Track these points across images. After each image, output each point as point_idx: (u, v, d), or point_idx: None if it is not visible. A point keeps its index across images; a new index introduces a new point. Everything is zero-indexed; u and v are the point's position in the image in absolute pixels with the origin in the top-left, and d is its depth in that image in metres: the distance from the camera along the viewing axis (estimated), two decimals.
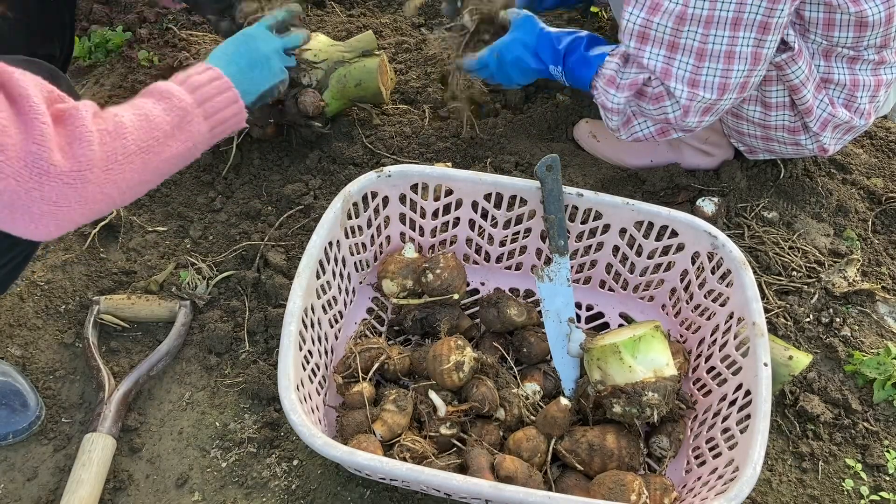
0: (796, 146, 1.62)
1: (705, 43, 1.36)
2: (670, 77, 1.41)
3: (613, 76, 1.49)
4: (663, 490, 1.21)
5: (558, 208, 1.39)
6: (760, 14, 1.33)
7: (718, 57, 1.37)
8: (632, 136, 1.57)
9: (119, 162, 1.03)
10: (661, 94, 1.45)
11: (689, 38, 1.37)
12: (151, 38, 2.13)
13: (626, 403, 1.23)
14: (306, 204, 1.72)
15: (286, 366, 1.18)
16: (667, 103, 1.45)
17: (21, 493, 1.33)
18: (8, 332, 1.52)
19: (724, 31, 1.34)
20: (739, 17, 1.33)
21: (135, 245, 1.67)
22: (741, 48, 1.36)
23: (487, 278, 1.60)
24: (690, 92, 1.41)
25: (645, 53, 1.42)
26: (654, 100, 1.46)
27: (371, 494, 1.33)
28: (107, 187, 1.02)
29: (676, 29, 1.37)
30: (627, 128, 1.56)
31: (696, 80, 1.40)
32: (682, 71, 1.40)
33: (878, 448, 1.43)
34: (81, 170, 0.98)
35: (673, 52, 1.40)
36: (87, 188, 0.99)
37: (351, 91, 1.79)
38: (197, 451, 1.39)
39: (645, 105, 1.48)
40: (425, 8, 2.29)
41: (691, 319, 1.48)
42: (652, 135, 1.55)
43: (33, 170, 0.93)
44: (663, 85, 1.44)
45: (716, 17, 1.33)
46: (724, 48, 1.36)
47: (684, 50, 1.38)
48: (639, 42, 1.42)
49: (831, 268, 1.67)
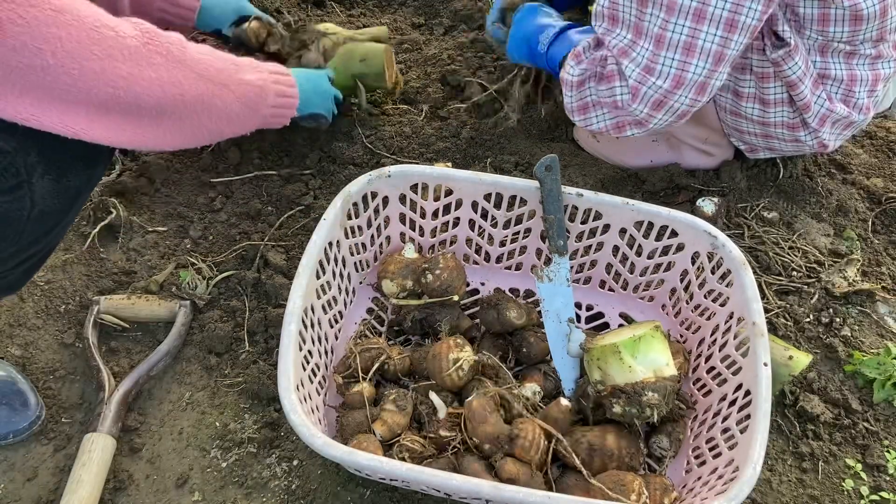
0: (796, 143, 1.62)
1: (665, 30, 1.34)
2: (626, 56, 1.40)
3: (580, 52, 1.51)
4: (663, 490, 1.21)
5: (558, 208, 1.39)
6: (726, 10, 1.30)
7: (676, 47, 1.35)
8: (588, 125, 1.55)
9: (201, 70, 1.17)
10: (612, 74, 1.45)
11: (651, 22, 1.36)
12: None
13: (626, 403, 1.23)
14: (306, 204, 1.72)
15: (286, 366, 1.18)
16: (616, 84, 1.44)
17: (21, 493, 1.33)
18: (8, 332, 1.52)
19: (685, 20, 1.32)
20: (703, 9, 1.31)
21: (135, 245, 1.67)
22: (703, 43, 1.33)
23: (487, 278, 1.60)
24: (642, 75, 1.39)
25: (612, 34, 1.43)
26: (607, 79, 1.46)
27: (371, 494, 1.33)
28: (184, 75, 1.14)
29: (640, 10, 1.37)
30: (584, 115, 1.55)
31: (651, 67, 1.38)
32: (639, 56, 1.39)
33: (878, 448, 1.43)
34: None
35: (637, 36, 1.39)
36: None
37: (355, 66, 1.78)
38: (197, 451, 1.39)
39: (601, 88, 1.48)
40: (425, 8, 2.29)
41: (691, 319, 1.48)
42: (608, 128, 1.54)
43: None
44: (617, 65, 1.43)
45: (678, 4, 1.32)
46: (683, 38, 1.34)
47: (646, 35, 1.38)
48: (609, 24, 1.43)
49: (831, 268, 1.67)
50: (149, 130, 1.14)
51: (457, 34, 2.17)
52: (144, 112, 1.10)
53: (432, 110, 1.95)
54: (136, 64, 1.06)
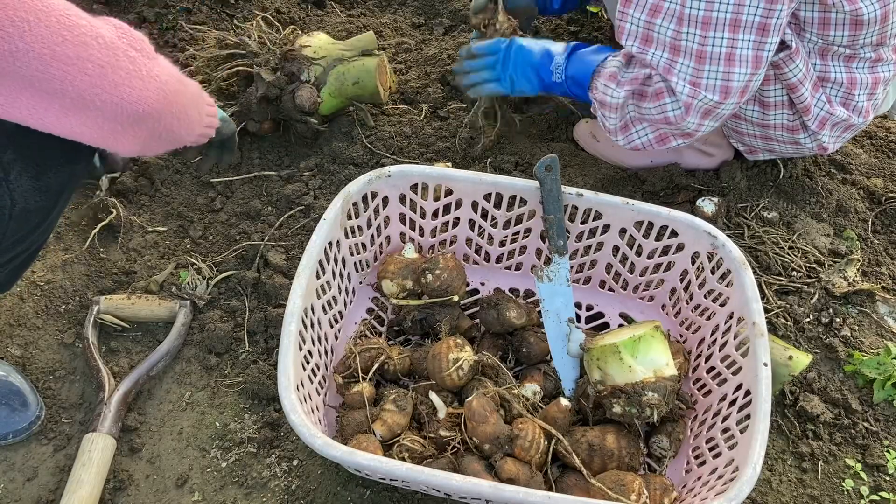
0: (796, 145, 1.62)
1: (704, 45, 1.36)
2: (672, 74, 1.41)
3: (615, 73, 1.49)
4: (663, 490, 1.21)
5: (557, 208, 1.39)
6: (759, 15, 1.32)
7: (719, 59, 1.36)
8: (630, 143, 1.55)
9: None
10: (661, 91, 1.45)
11: (689, 39, 1.36)
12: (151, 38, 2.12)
13: (626, 403, 1.23)
14: (306, 204, 1.72)
15: (286, 366, 1.18)
16: (667, 100, 1.44)
17: (21, 493, 1.33)
18: (8, 332, 1.52)
19: (722, 32, 1.34)
20: (738, 18, 1.32)
21: (135, 245, 1.67)
22: (741, 50, 1.35)
23: (487, 278, 1.60)
24: (692, 89, 1.40)
25: (648, 54, 1.42)
26: (655, 97, 1.46)
27: (371, 494, 1.33)
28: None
29: (676, 30, 1.37)
30: (626, 134, 1.54)
31: (697, 82, 1.39)
32: (683, 72, 1.40)
33: (878, 448, 1.43)
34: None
35: (675, 54, 1.40)
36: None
37: (349, 89, 1.79)
38: (197, 451, 1.39)
39: (645, 105, 1.48)
40: (425, 8, 2.29)
41: (691, 319, 1.48)
42: (651, 143, 1.54)
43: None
44: (665, 81, 1.43)
45: (713, 18, 1.33)
46: (723, 50, 1.35)
47: (685, 53, 1.38)
48: (642, 44, 1.42)
49: (831, 268, 1.67)
50: (128, 130, 1.08)
51: (457, 34, 2.17)
52: (124, 107, 1.05)
53: (432, 110, 1.95)
54: (113, 54, 1.00)
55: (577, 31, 2.15)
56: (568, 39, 2.11)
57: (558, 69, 1.58)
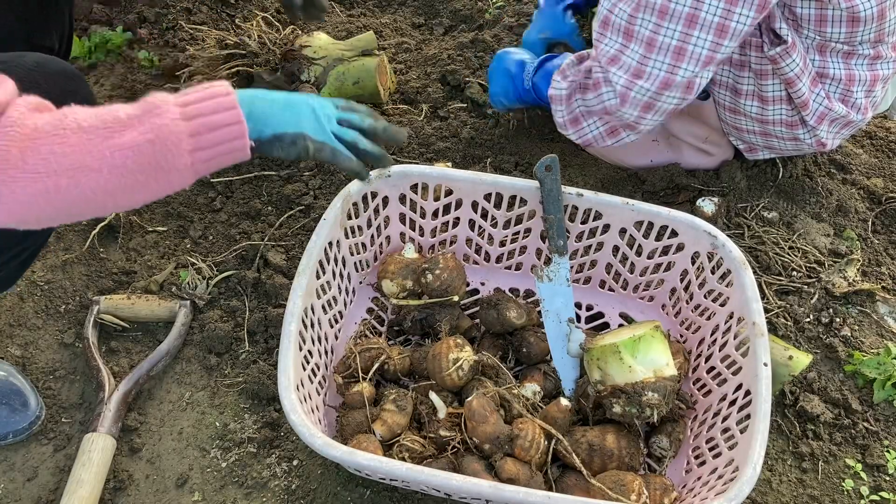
0: (795, 141, 1.62)
1: (656, 34, 1.36)
2: (615, 63, 1.42)
3: (564, 68, 1.54)
4: (663, 490, 1.21)
5: (557, 208, 1.39)
6: (717, 16, 1.31)
7: (667, 51, 1.36)
8: (581, 137, 1.57)
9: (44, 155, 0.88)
10: (598, 82, 1.46)
11: (643, 26, 1.37)
12: (151, 38, 2.13)
13: (626, 403, 1.23)
14: (306, 204, 1.72)
15: (286, 366, 1.18)
16: (603, 90, 1.46)
17: (21, 493, 1.33)
18: (8, 332, 1.52)
19: (677, 25, 1.34)
20: (695, 14, 1.32)
21: (135, 245, 1.67)
22: (693, 48, 1.35)
23: (487, 278, 1.60)
24: (629, 80, 1.40)
25: (605, 39, 1.43)
26: (594, 87, 1.47)
27: (371, 494, 1.33)
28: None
29: (632, 16, 1.37)
30: (576, 128, 1.57)
31: (640, 71, 1.39)
32: (629, 59, 1.40)
33: (878, 448, 1.43)
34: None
35: (627, 40, 1.40)
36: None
37: (349, 89, 1.79)
38: (197, 451, 1.39)
39: (587, 97, 1.50)
40: (425, 8, 2.29)
41: (691, 319, 1.48)
42: (602, 135, 1.55)
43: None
44: (603, 72, 1.44)
45: (671, 9, 1.33)
46: (674, 43, 1.35)
47: (636, 38, 1.38)
48: (602, 27, 1.44)
49: (831, 268, 1.67)
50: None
51: (457, 34, 2.17)
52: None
53: (432, 110, 1.95)
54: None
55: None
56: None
57: (528, 75, 1.66)
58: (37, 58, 1.15)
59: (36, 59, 1.15)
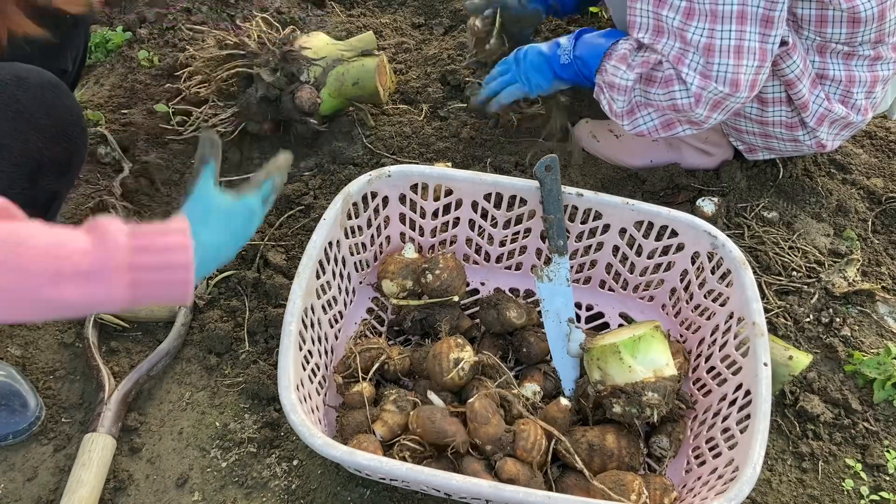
0: (794, 142, 1.62)
1: (712, 38, 1.36)
2: (682, 63, 1.41)
3: (626, 55, 1.48)
4: (663, 490, 1.21)
5: (557, 208, 1.39)
6: (762, 7, 1.33)
7: (728, 52, 1.37)
8: (635, 128, 1.55)
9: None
10: (671, 79, 1.44)
11: (697, 33, 1.37)
12: (151, 38, 2.14)
13: (626, 403, 1.23)
14: (306, 204, 1.72)
15: (286, 366, 1.18)
16: (676, 88, 1.44)
17: (21, 493, 1.33)
18: (8, 332, 1.52)
19: (730, 25, 1.35)
20: (744, 10, 1.33)
21: None
22: (749, 42, 1.36)
23: (487, 278, 1.60)
24: (703, 80, 1.40)
25: (660, 44, 1.43)
26: (664, 83, 1.46)
27: (371, 494, 1.33)
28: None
29: (684, 23, 1.38)
30: (631, 118, 1.54)
31: (707, 74, 1.40)
32: (694, 62, 1.40)
33: (878, 448, 1.43)
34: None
35: (685, 44, 1.40)
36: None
37: (348, 90, 1.79)
38: (197, 451, 1.39)
39: (653, 91, 1.48)
40: (425, 8, 2.29)
41: (691, 319, 1.48)
42: (656, 128, 1.53)
43: None
44: (675, 69, 1.43)
45: (720, 11, 1.34)
46: (732, 43, 1.36)
47: (693, 45, 1.39)
48: (654, 35, 1.43)
49: (831, 268, 1.67)
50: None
51: (457, 34, 2.17)
52: None
53: (432, 110, 1.95)
54: None
55: None
56: None
57: (566, 52, 1.59)
58: (16, 70, 1.14)
59: (15, 71, 1.14)
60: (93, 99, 1.97)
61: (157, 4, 2.20)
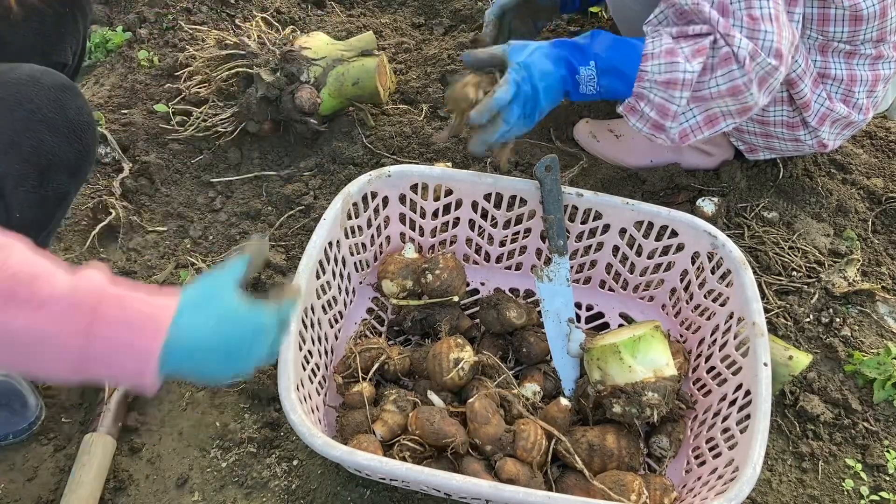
0: (796, 142, 1.62)
1: (751, 7, 1.29)
2: (729, 24, 1.29)
3: (673, 48, 1.32)
4: (663, 490, 1.21)
5: (557, 208, 1.39)
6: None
7: (771, 20, 1.29)
8: (679, 127, 1.39)
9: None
10: (727, 57, 1.30)
11: (736, 6, 1.30)
12: (151, 38, 2.13)
13: (626, 403, 1.23)
14: (306, 204, 1.72)
15: (286, 366, 1.18)
16: (734, 66, 1.30)
17: (21, 493, 1.33)
18: None
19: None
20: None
21: (135, 245, 1.67)
22: (782, 15, 1.30)
23: (487, 278, 1.60)
24: (754, 48, 1.28)
25: (705, 7, 1.31)
26: (722, 63, 1.31)
27: (371, 494, 1.33)
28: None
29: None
30: (675, 119, 1.38)
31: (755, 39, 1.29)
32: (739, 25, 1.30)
33: (878, 448, 1.43)
34: None
35: (725, 14, 1.31)
36: None
37: (348, 90, 1.79)
38: (197, 451, 1.39)
39: (708, 79, 1.33)
40: (425, 8, 2.29)
41: (691, 319, 1.48)
42: (699, 125, 1.39)
43: None
44: (728, 45, 1.30)
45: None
46: (771, 12, 1.29)
47: (736, 17, 1.30)
48: (696, 4, 1.32)
49: (831, 268, 1.67)
50: None
51: (457, 34, 2.17)
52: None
53: (432, 110, 1.95)
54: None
55: (578, 32, 2.15)
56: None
57: (589, 82, 1.37)
58: (30, 70, 1.14)
59: (30, 71, 1.14)
60: (93, 99, 1.97)
61: (156, 4, 2.20)
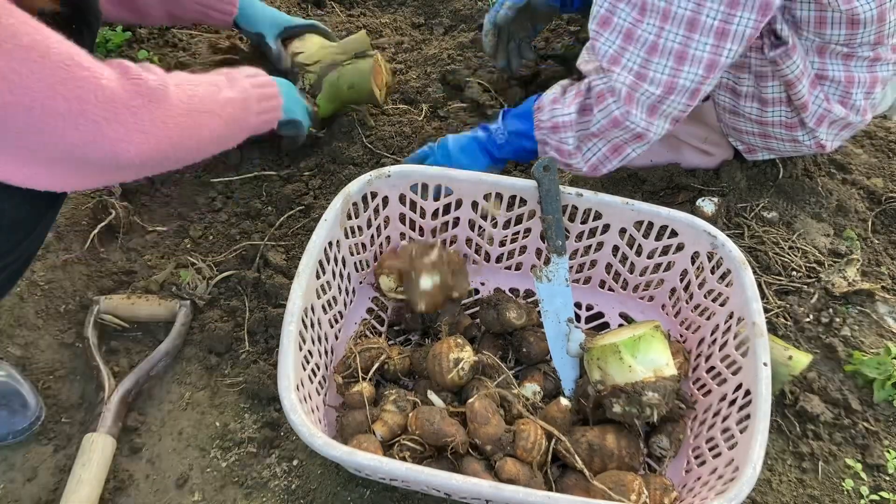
0: (794, 143, 1.62)
1: (659, 37, 1.33)
2: (617, 64, 1.38)
3: (555, 97, 1.48)
4: (663, 490, 1.21)
5: (556, 209, 1.39)
6: (717, 20, 1.29)
7: (669, 54, 1.34)
8: (587, 162, 1.49)
9: (187, 111, 1.10)
10: (602, 94, 1.40)
11: (646, 30, 1.34)
12: (151, 38, 2.13)
13: (626, 403, 1.23)
14: (306, 204, 1.72)
15: (286, 366, 1.18)
16: (609, 101, 1.39)
17: (21, 493, 1.33)
18: (8, 332, 1.52)
19: (679, 29, 1.31)
20: (696, 18, 1.29)
21: (135, 245, 1.67)
22: (694, 51, 1.32)
23: (487, 278, 1.60)
24: (633, 81, 1.37)
25: (601, 38, 1.39)
26: (598, 101, 1.41)
27: (371, 494, 1.33)
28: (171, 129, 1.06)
29: (637, 19, 1.35)
30: (581, 154, 1.48)
31: (643, 74, 1.36)
32: (630, 63, 1.37)
33: (878, 448, 1.43)
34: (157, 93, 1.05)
35: (627, 42, 1.36)
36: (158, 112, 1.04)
37: (344, 94, 1.78)
38: (197, 451, 1.39)
39: (590, 118, 1.43)
40: (425, 8, 2.29)
41: (691, 319, 1.48)
42: (606, 156, 1.48)
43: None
44: (605, 81, 1.40)
45: (672, 12, 1.30)
46: (676, 46, 1.33)
47: (638, 41, 1.35)
48: (599, 26, 1.40)
49: (831, 268, 1.67)
50: (129, 174, 1.04)
51: (457, 34, 2.17)
52: (123, 160, 0.99)
53: (432, 110, 1.95)
54: (112, 108, 0.95)
55: (578, 31, 2.15)
56: (568, 39, 2.12)
57: (500, 132, 1.55)
58: None
59: None
60: None
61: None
